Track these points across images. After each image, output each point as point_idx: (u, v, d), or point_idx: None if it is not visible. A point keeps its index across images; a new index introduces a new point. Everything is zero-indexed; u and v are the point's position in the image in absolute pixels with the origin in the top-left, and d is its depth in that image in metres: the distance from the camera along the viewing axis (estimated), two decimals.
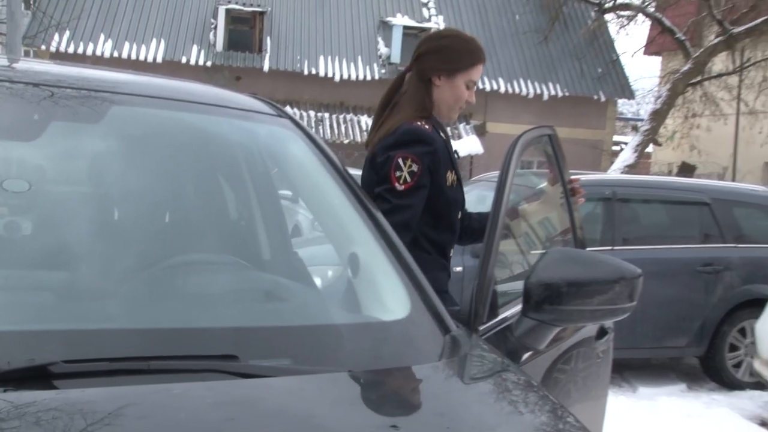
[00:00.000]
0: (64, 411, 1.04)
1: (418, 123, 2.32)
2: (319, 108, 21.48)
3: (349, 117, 21.45)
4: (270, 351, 1.32)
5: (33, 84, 1.67)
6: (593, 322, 2.16)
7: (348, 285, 1.69)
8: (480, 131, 21.43)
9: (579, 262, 1.79)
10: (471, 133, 21.16)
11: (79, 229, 1.58)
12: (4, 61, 1.93)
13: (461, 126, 21.18)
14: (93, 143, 1.78)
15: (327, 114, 21.36)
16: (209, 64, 21.03)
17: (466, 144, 20.40)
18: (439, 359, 1.44)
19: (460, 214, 2.50)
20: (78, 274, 1.50)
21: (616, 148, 22.64)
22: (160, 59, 20.71)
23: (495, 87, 21.91)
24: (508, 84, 21.69)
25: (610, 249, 5.62)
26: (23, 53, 11.90)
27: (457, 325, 1.59)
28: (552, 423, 1.36)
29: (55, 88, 1.69)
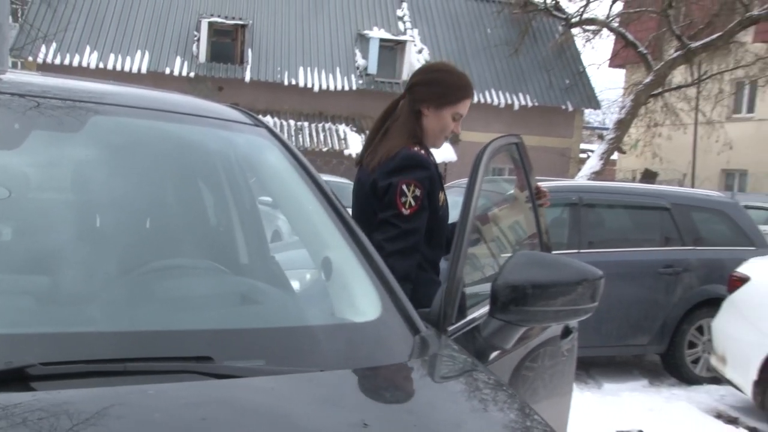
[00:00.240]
0: (40, 412, 1.02)
1: (415, 149, 2.36)
2: (299, 117, 21.43)
3: (328, 126, 21.42)
4: (244, 352, 1.31)
5: (19, 95, 1.65)
6: (557, 322, 2.17)
7: (321, 288, 1.68)
8: (453, 139, 21.47)
9: (543, 265, 1.80)
10: (445, 142, 21.20)
11: (59, 235, 1.56)
12: None
13: None
14: (74, 151, 1.76)
15: (306, 123, 21.31)
16: (192, 75, 20.90)
17: (440, 152, 20.42)
18: (409, 359, 1.44)
19: None
20: (57, 278, 1.48)
21: (583, 155, 22.85)
22: (144, 70, 20.56)
23: None
24: (480, 94, 21.78)
25: (576, 252, 5.66)
26: (11, 65, 11.75)
27: (427, 326, 1.59)
28: (519, 420, 1.36)
29: (39, 98, 1.67)
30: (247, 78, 21.23)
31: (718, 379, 5.56)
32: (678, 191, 7.36)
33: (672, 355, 6.16)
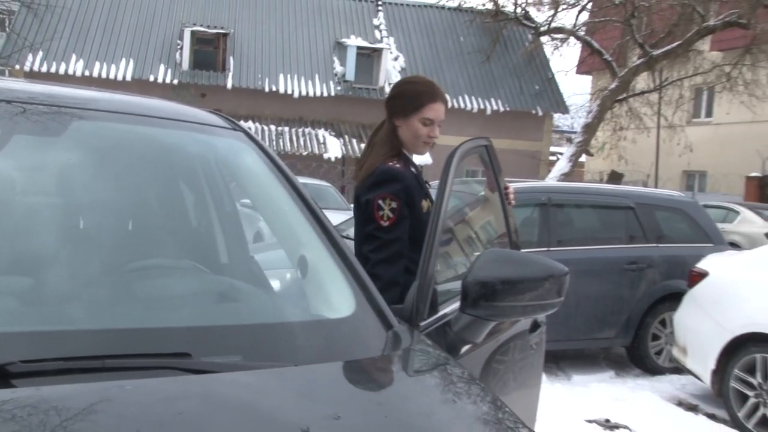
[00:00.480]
0: (19, 407, 1.01)
1: (390, 163, 2.42)
2: (280, 122, 21.35)
3: (308, 131, 21.36)
4: (222, 348, 1.30)
5: (5, 101, 1.63)
6: (525, 316, 2.18)
7: (298, 286, 1.67)
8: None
9: (512, 262, 1.80)
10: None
11: (42, 237, 1.53)
12: None
13: None
14: (56, 155, 1.73)
15: (287, 128, 21.24)
16: (176, 82, 20.74)
17: (416, 156, 20.44)
18: (382, 353, 1.43)
19: None
20: (40, 279, 1.46)
21: (552, 158, 23.02)
22: (129, 78, 20.36)
23: None
24: (454, 100, 21.84)
25: (546, 250, 5.69)
26: None
27: (400, 322, 1.59)
28: (490, 412, 1.36)
29: (23, 103, 1.64)
30: (229, 85, 21.11)
31: (679, 369, 5.63)
32: (642, 191, 7.44)
33: (637, 348, 6.22)
